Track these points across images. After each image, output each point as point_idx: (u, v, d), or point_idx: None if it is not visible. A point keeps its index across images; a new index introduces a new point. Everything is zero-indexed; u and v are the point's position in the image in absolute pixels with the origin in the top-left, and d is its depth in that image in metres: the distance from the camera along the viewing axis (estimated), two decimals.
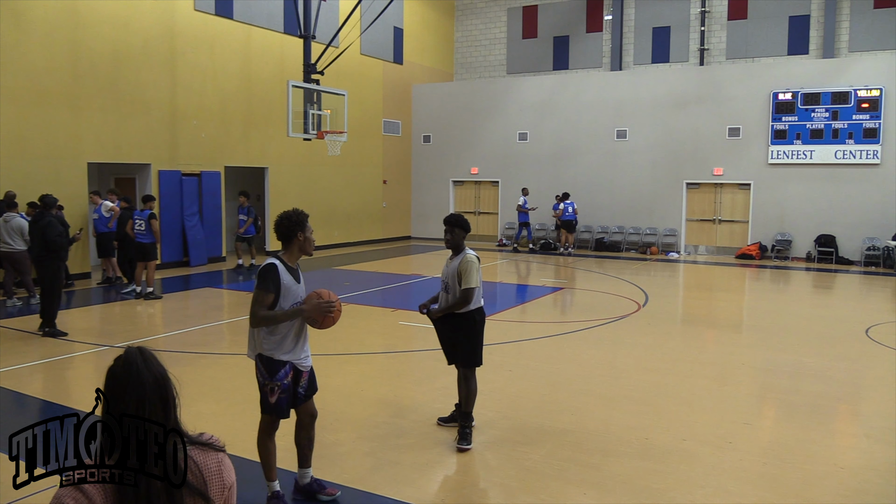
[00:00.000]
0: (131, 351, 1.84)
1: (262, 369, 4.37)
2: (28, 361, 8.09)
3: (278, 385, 4.34)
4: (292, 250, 4.46)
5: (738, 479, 5.03)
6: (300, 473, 4.69)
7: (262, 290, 4.27)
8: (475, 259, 5.61)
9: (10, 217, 11.30)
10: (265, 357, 4.35)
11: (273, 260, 4.38)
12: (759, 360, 8.57)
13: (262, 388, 4.40)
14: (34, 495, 2.96)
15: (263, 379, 4.38)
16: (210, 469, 1.88)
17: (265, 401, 4.41)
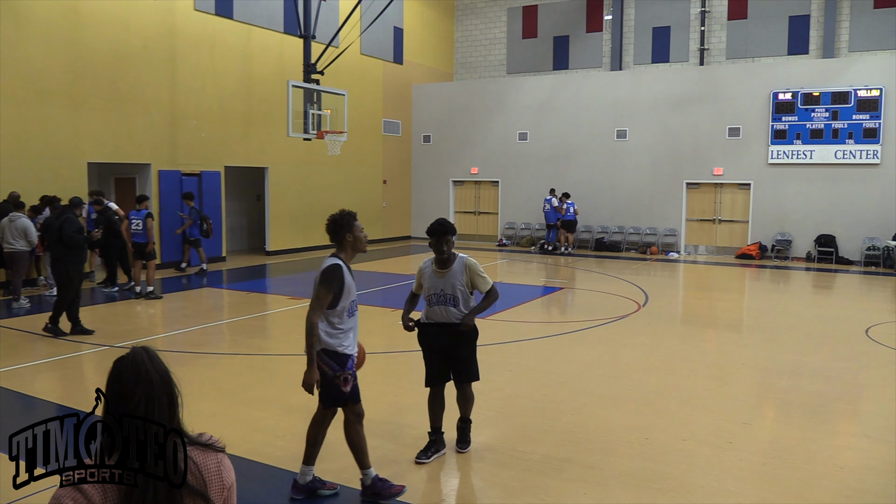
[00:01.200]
0: (137, 350, 1.85)
1: (331, 362, 4.49)
2: (28, 361, 8.09)
3: (350, 373, 4.51)
4: (346, 250, 4.59)
5: (737, 479, 5.03)
6: (302, 470, 4.72)
7: (326, 288, 4.39)
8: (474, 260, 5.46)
9: (16, 217, 11.41)
10: (331, 351, 4.48)
11: (337, 260, 4.50)
12: (758, 359, 8.57)
13: (333, 381, 4.50)
14: (34, 495, 2.96)
15: (333, 371, 4.49)
16: (210, 469, 1.88)
17: (336, 392, 4.52)
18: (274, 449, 5.51)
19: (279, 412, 6.42)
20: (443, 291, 5.23)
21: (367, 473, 4.65)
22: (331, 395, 4.56)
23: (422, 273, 5.35)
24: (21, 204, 11.92)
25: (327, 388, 4.54)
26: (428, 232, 5.21)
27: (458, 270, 5.23)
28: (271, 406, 6.59)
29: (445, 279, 5.22)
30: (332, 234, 4.59)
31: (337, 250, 4.62)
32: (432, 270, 5.28)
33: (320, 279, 4.41)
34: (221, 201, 17.39)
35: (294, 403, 6.73)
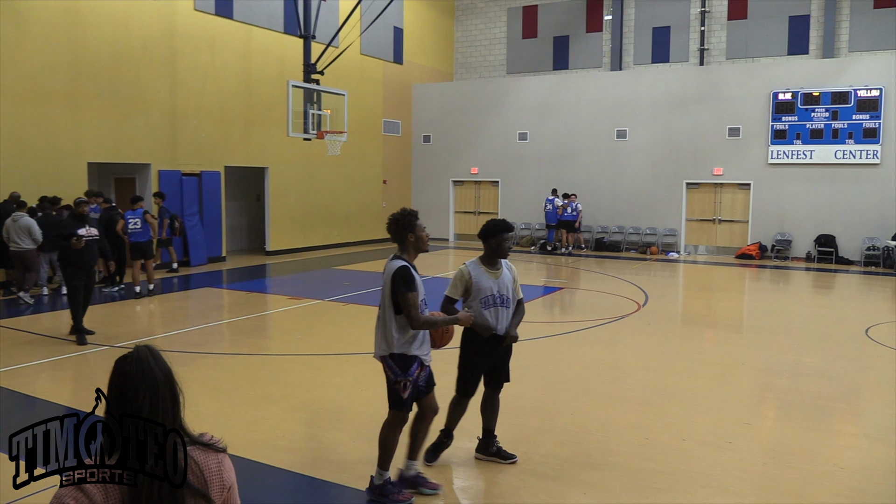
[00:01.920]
0: (141, 349, 1.86)
1: (395, 367, 4.50)
2: (29, 361, 8.09)
3: (409, 380, 4.50)
4: (408, 250, 4.58)
5: (737, 479, 5.03)
6: (406, 465, 4.76)
7: (410, 291, 4.38)
8: None
9: (19, 217, 11.55)
10: (397, 355, 4.48)
11: (402, 262, 4.49)
12: (758, 359, 8.57)
13: (394, 385, 4.52)
14: (34, 495, 2.96)
15: (395, 376, 4.51)
16: (211, 469, 1.88)
17: (398, 397, 4.54)
18: (274, 449, 5.51)
19: (279, 412, 6.42)
20: (499, 293, 5.02)
21: (382, 474, 4.65)
22: (392, 397, 4.60)
23: (470, 277, 4.96)
24: (23, 203, 11.97)
25: (390, 390, 4.60)
26: (496, 231, 4.96)
27: (507, 271, 5.11)
28: (271, 406, 6.59)
29: (500, 280, 5.05)
30: (394, 235, 4.57)
31: (399, 251, 4.60)
32: (484, 271, 5.02)
33: (397, 284, 4.39)
34: (221, 201, 17.39)
35: (294, 403, 6.73)
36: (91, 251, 9.05)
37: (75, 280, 9.03)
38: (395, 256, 4.56)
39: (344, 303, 11.97)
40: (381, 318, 4.56)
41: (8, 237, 11.51)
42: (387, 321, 4.49)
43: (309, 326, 10.26)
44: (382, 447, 4.67)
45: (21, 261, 11.60)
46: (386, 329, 4.49)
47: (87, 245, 8.94)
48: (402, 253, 4.57)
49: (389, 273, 4.46)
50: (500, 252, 4.98)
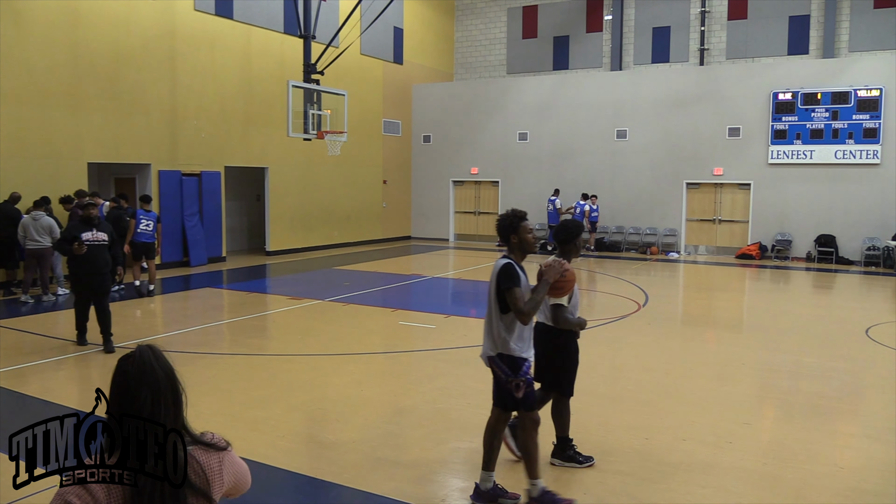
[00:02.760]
0: (143, 349, 1.86)
1: (505, 367, 4.45)
2: (29, 361, 8.09)
3: (523, 380, 4.44)
4: (514, 251, 4.62)
5: (737, 479, 5.03)
6: (484, 476, 4.59)
7: (514, 286, 4.40)
8: None
9: (39, 216, 11.69)
10: (507, 355, 4.44)
11: (508, 260, 4.55)
12: (759, 359, 8.57)
13: (506, 385, 4.47)
14: (34, 495, 2.96)
15: (507, 376, 4.45)
16: (213, 469, 1.89)
17: (509, 397, 4.48)
18: (274, 449, 5.51)
19: (279, 412, 6.42)
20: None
21: (535, 484, 4.48)
22: (505, 399, 4.53)
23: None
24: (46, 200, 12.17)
25: (501, 392, 4.52)
26: (574, 235, 5.19)
27: None
28: (272, 406, 6.59)
29: None
30: (500, 236, 4.66)
31: (507, 251, 4.66)
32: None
33: (505, 281, 4.41)
34: (221, 201, 17.39)
35: (294, 403, 6.73)
36: (98, 257, 8.30)
37: (79, 287, 8.43)
38: (503, 256, 4.63)
39: (344, 303, 11.97)
40: (489, 318, 4.55)
41: (26, 235, 11.64)
42: (494, 321, 4.47)
43: (309, 327, 10.26)
44: (526, 456, 4.54)
45: (37, 258, 11.73)
46: (494, 329, 4.47)
47: (94, 250, 8.25)
48: (510, 253, 4.63)
49: (494, 272, 4.50)
50: (577, 252, 5.30)
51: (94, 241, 8.27)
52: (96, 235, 8.31)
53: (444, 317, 11.09)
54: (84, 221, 8.41)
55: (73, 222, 8.85)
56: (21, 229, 11.78)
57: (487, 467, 4.58)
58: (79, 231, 8.26)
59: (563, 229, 5.17)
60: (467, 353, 8.60)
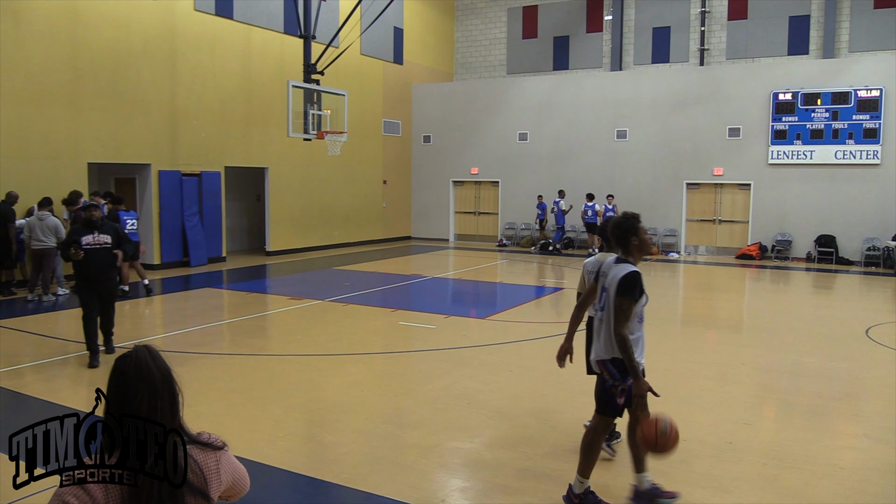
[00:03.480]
0: (140, 349, 1.86)
1: (616, 371, 4.39)
2: (30, 361, 8.09)
3: (627, 386, 4.36)
4: (632, 254, 4.42)
5: (737, 479, 5.03)
6: (639, 479, 4.60)
7: (633, 298, 4.24)
8: None
9: (45, 216, 11.74)
10: (619, 359, 4.35)
11: (634, 267, 4.35)
12: (759, 360, 8.57)
13: (611, 390, 4.43)
14: (34, 495, 2.96)
15: (614, 380, 4.40)
16: (210, 468, 1.89)
17: (612, 402, 4.44)
18: (273, 449, 5.51)
19: (279, 412, 6.42)
20: None
21: (583, 483, 4.51)
22: (607, 404, 4.50)
23: None
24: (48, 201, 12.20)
25: (605, 397, 4.50)
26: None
27: None
28: (271, 406, 6.59)
29: None
30: (618, 239, 4.44)
31: (623, 254, 4.46)
32: None
33: (624, 289, 4.24)
34: (221, 201, 17.39)
35: (294, 404, 6.73)
36: (100, 261, 7.86)
37: (83, 294, 7.96)
38: (619, 259, 4.44)
39: (344, 303, 11.97)
40: (606, 321, 4.43)
41: (31, 235, 11.67)
42: (612, 325, 4.35)
43: (309, 327, 10.26)
44: (587, 455, 4.52)
45: (41, 258, 11.75)
46: (611, 333, 4.36)
47: (95, 254, 7.79)
48: (626, 256, 4.43)
49: (616, 276, 4.33)
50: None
51: (96, 244, 7.84)
52: (98, 238, 7.88)
53: (444, 317, 11.09)
54: (86, 224, 7.93)
55: (76, 226, 8.36)
56: (27, 229, 11.83)
57: (584, 473, 4.51)
58: (79, 235, 7.84)
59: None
60: (467, 354, 8.60)
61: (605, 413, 4.53)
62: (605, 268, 4.50)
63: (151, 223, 15.73)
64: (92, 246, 7.78)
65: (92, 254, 7.74)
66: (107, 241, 7.93)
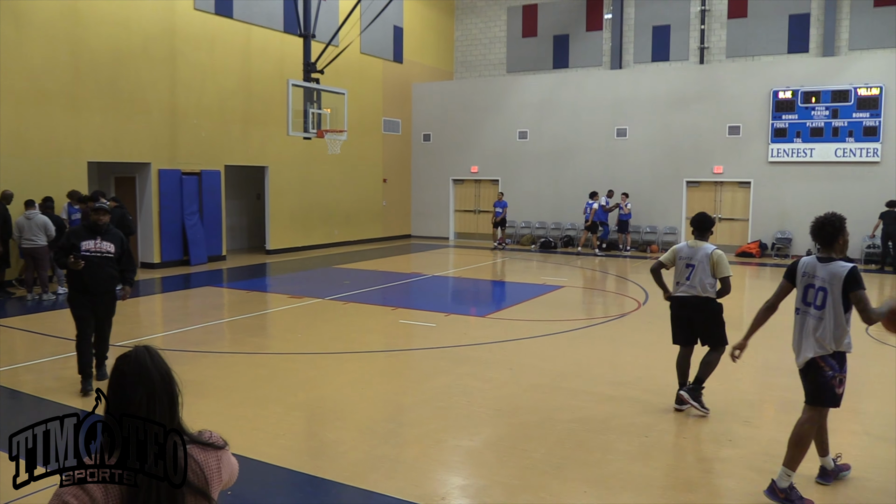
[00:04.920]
0: (139, 349, 1.86)
1: (836, 364, 4.60)
2: (29, 361, 8.09)
3: (844, 376, 4.61)
4: (835, 251, 4.70)
5: (738, 478, 5.03)
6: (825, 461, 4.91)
7: (864, 289, 4.51)
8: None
9: (33, 214, 11.71)
10: (840, 353, 4.61)
11: (850, 262, 4.62)
12: (758, 357, 8.56)
13: (831, 381, 4.59)
14: (34, 495, 2.96)
15: (834, 372, 4.59)
16: (211, 468, 1.89)
17: (832, 393, 4.60)
18: (274, 448, 5.51)
19: (280, 411, 6.42)
20: None
21: (790, 475, 4.56)
22: (824, 394, 4.63)
23: None
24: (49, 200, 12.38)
25: (822, 389, 4.62)
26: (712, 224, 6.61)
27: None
28: (272, 404, 6.59)
29: None
30: (823, 237, 4.69)
31: (824, 251, 4.72)
32: None
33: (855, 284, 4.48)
34: (221, 200, 17.39)
35: (295, 402, 6.74)
36: (100, 272, 6.80)
37: (78, 309, 6.92)
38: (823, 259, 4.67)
39: (344, 301, 11.97)
40: (823, 318, 4.62)
41: (21, 235, 11.65)
42: (836, 320, 4.55)
43: (309, 325, 10.26)
44: (800, 447, 4.60)
45: (33, 257, 11.74)
46: (835, 328, 4.55)
47: (95, 263, 6.74)
48: (829, 253, 4.69)
49: (839, 273, 4.52)
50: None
51: (97, 251, 6.76)
52: (100, 245, 6.79)
53: (444, 315, 11.09)
54: (89, 228, 6.87)
55: (76, 227, 7.34)
56: (16, 229, 11.77)
57: (791, 466, 4.58)
58: (79, 239, 6.77)
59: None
60: (467, 352, 8.61)
61: (822, 404, 4.69)
62: (809, 268, 4.74)
63: (151, 222, 15.73)
64: (92, 253, 6.74)
65: (91, 262, 6.71)
66: (109, 251, 6.86)
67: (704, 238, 6.45)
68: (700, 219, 6.51)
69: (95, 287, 6.84)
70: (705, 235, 6.47)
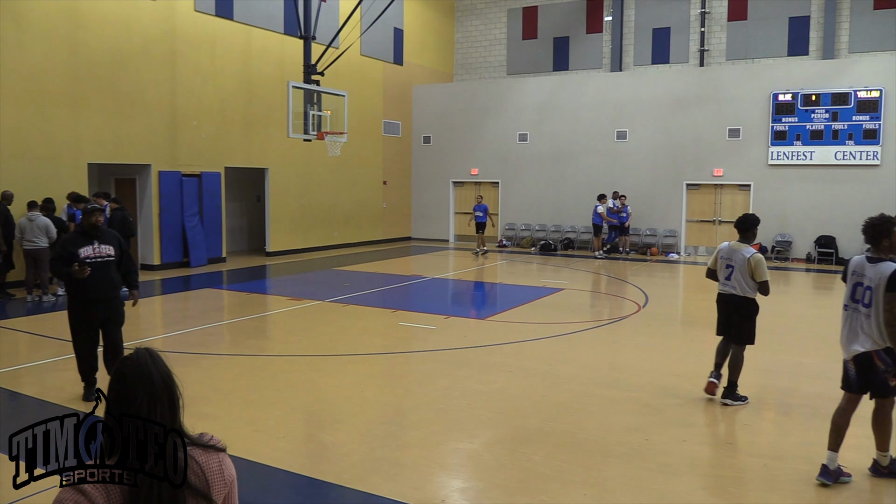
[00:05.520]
0: (140, 351, 1.86)
1: (889, 359, 4.84)
2: (29, 362, 8.09)
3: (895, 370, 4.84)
4: (882, 252, 4.91)
5: (737, 480, 5.03)
6: (879, 456, 5.11)
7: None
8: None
9: (34, 216, 11.72)
10: (890, 349, 4.83)
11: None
12: (758, 360, 8.56)
13: (884, 374, 4.88)
14: (34, 495, 2.96)
15: (886, 366, 4.86)
16: (212, 470, 1.88)
17: (885, 385, 4.90)
18: (274, 449, 5.51)
19: (280, 413, 6.42)
20: None
21: (887, 455, 5.04)
22: (880, 387, 4.91)
23: None
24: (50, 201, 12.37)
25: (881, 382, 4.88)
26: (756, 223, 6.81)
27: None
28: (272, 407, 6.59)
29: None
30: (871, 237, 4.93)
31: (873, 251, 4.94)
32: None
33: (893, 285, 4.64)
34: (222, 202, 17.40)
35: (294, 404, 6.73)
36: (102, 278, 6.42)
37: (77, 322, 6.56)
38: (872, 259, 4.88)
39: (344, 304, 11.97)
40: (870, 316, 4.82)
41: (22, 236, 11.64)
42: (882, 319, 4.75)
43: (309, 327, 10.26)
44: (883, 430, 5.04)
45: (34, 259, 11.74)
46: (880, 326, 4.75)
47: (97, 270, 6.36)
48: (877, 253, 4.91)
49: (885, 272, 4.73)
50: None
51: (97, 257, 6.37)
52: (99, 250, 6.40)
53: (444, 318, 11.09)
54: (84, 234, 6.43)
55: (69, 235, 6.78)
56: (18, 230, 11.77)
57: (883, 448, 5.02)
58: (76, 246, 6.33)
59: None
60: (467, 354, 8.61)
61: (885, 395, 4.96)
62: (859, 267, 4.97)
63: (151, 223, 15.74)
64: (93, 259, 6.32)
65: (93, 268, 6.32)
66: (110, 254, 6.49)
67: (747, 238, 6.69)
68: (741, 220, 6.73)
69: (99, 294, 6.44)
70: (747, 236, 6.70)
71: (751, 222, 6.69)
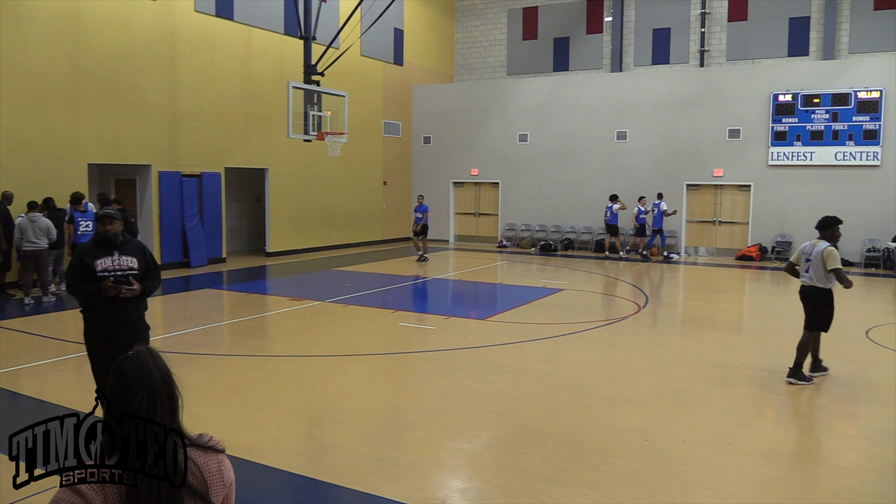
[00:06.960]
0: (140, 350, 1.86)
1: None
2: (29, 362, 8.09)
3: None
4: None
5: (737, 481, 5.03)
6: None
7: None
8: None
9: (36, 217, 11.69)
10: None
11: None
12: (758, 361, 8.57)
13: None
14: (34, 495, 2.96)
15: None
16: (211, 470, 1.88)
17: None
18: (274, 450, 5.51)
19: (280, 413, 6.42)
20: None
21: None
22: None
23: None
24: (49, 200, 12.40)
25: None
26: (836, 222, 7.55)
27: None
28: (272, 407, 6.59)
29: None
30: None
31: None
32: None
33: None
34: (222, 202, 17.40)
35: (295, 404, 6.73)
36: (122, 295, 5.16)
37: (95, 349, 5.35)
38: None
39: (344, 304, 11.97)
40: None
41: (23, 237, 11.62)
42: None
43: (309, 328, 10.26)
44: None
45: (35, 260, 11.73)
46: None
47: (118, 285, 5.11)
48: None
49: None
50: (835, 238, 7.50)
51: (116, 269, 5.13)
52: (119, 262, 5.16)
53: (444, 318, 11.09)
54: (101, 243, 5.16)
55: (86, 245, 5.32)
56: (18, 231, 11.72)
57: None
58: (92, 257, 5.09)
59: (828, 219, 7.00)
60: (467, 355, 8.61)
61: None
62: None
63: (152, 224, 15.74)
64: (111, 273, 5.10)
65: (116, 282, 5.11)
66: (132, 267, 5.24)
67: (825, 236, 7.41)
68: (821, 220, 7.54)
69: (118, 315, 5.26)
70: (825, 234, 7.43)
71: (829, 221, 7.45)
